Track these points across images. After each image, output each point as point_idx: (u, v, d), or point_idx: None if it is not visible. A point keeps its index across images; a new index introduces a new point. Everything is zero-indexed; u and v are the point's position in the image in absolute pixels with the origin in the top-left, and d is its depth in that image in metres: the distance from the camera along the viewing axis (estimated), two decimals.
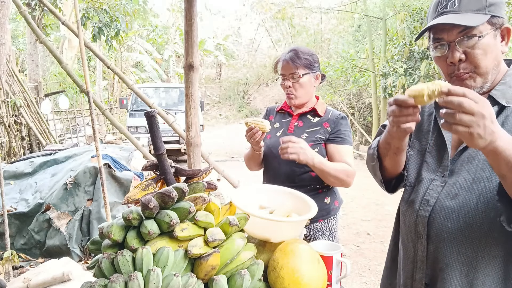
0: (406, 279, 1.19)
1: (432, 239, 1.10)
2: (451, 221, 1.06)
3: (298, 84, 1.85)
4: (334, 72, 11.12)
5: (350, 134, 1.90)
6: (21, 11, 5.26)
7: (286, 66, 1.86)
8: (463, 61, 1.03)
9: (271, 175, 1.95)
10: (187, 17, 2.61)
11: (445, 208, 1.07)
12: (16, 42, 17.30)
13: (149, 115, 1.17)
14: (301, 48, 1.90)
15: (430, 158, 1.16)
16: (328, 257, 1.17)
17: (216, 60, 23.23)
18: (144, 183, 1.24)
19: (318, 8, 13.78)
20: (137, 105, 9.96)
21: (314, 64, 1.89)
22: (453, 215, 1.05)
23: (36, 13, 7.79)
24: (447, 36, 1.04)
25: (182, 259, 0.98)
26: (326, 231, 1.91)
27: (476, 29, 1.00)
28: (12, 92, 5.61)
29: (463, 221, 1.04)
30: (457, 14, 1.02)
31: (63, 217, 3.58)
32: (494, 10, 1.01)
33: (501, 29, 1.04)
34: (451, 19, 1.02)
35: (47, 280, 2.45)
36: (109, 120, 6.38)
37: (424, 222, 1.11)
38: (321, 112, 1.91)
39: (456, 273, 1.06)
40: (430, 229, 1.10)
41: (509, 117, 1.03)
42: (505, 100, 1.04)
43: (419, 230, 1.13)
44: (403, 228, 1.23)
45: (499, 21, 1.03)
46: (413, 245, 1.16)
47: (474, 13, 1.01)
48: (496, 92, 1.05)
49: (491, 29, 1.02)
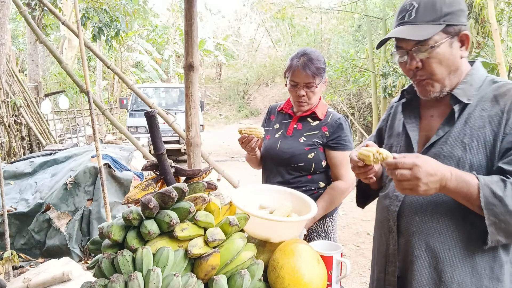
0: (379, 273, 1.25)
1: (402, 232, 1.15)
2: (419, 215, 1.12)
3: (312, 93, 1.81)
4: (334, 72, 11.11)
5: (350, 139, 1.86)
6: (21, 11, 5.26)
7: (300, 75, 1.78)
8: (420, 68, 1.11)
9: (267, 175, 1.96)
10: (187, 17, 2.61)
11: (413, 202, 1.13)
12: (16, 42, 17.30)
13: (149, 115, 1.17)
14: (312, 53, 1.81)
15: None
16: (328, 257, 1.17)
17: (216, 60, 23.21)
18: (144, 183, 1.24)
19: (318, 8, 13.78)
20: (137, 105, 9.96)
21: (324, 70, 1.84)
22: (421, 209, 1.11)
23: (36, 13, 7.79)
24: (405, 45, 1.11)
25: (182, 259, 0.98)
26: (321, 233, 1.91)
27: (431, 39, 1.06)
28: (12, 92, 5.60)
29: (430, 215, 1.10)
30: (413, 25, 1.09)
31: (63, 217, 3.57)
32: (450, 19, 1.07)
33: (459, 36, 1.09)
34: (404, 32, 1.09)
35: (47, 280, 2.45)
36: (109, 120, 6.39)
37: (394, 217, 1.17)
38: (321, 115, 1.87)
39: (425, 265, 1.11)
40: (400, 223, 1.16)
41: (471, 114, 1.08)
42: (466, 97, 1.09)
43: (390, 224, 1.18)
44: (377, 223, 1.29)
45: (455, 29, 1.08)
46: (385, 239, 1.22)
47: (429, 24, 1.07)
48: (458, 91, 1.11)
49: (447, 37, 1.07)
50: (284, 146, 1.88)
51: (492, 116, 1.05)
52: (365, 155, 1.06)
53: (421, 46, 1.07)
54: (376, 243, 1.29)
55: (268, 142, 1.95)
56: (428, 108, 1.21)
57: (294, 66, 1.80)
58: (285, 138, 1.90)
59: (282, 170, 1.88)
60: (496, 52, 7.26)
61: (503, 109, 1.04)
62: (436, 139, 1.12)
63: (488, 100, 1.08)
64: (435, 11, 1.07)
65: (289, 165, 1.85)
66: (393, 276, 1.19)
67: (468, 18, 8.46)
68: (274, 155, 1.90)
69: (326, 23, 18.65)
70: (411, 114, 1.24)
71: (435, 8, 1.07)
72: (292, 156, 1.83)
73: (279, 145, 1.90)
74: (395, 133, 1.30)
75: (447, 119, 1.12)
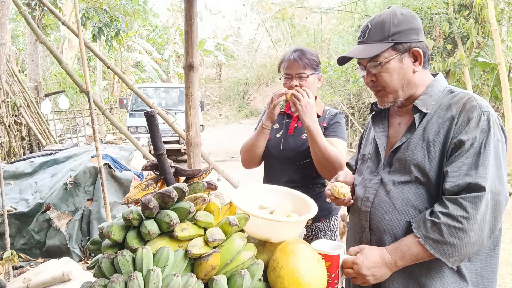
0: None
1: (374, 231, 1.25)
2: (388, 214, 1.21)
3: (305, 84, 1.83)
4: (334, 72, 11.10)
5: (343, 130, 1.88)
6: (21, 11, 5.26)
7: (292, 66, 1.84)
8: (374, 81, 1.25)
9: (272, 176, 1.94)
10: (187, 17, 2.61)
11: (382, 203, 1.23)
12: (16, 42, 17.30)
13: (149, 115, 1.17)
14: (305, 49, 1.89)
15: (370, 163, 1.35)
16: (334, 256, 1.16)
17: (216, 60, 23.19)
18: (144, 183, 1.24)
19: (318, 8, 13.78)
20: (137, 105, 9.95)
21: (318, 65, 1.89)
22: (389, 209, 1.21)
23: (36, 13, 7.79)
24: (362, 62, 1.26)
25: (182, 259, 0.98)
26: (328, 231, 1.91)
27: (381, 56, 1.19)
28: (12, 92, 5.61)
29: (397, 213, 1.19)
30: (365, 44, 1.23)
31: (63, 217, 3.57)
32: (398, 38, 1.19)
33: (410, 52, 1.21)
34: (357, 51, 1.24)
35: (47, 280, 2.45)
36: (109, 120, 6.38)
37: (366, 217, 1.27)
38: (319, 112, 1.90)
39: None
40: (372, 222, 1.25)
41: (429, 122, 1.19)
42: (425, 107, 1.21)
43: (363, 224, 1.28)
44: (351, 224, 1.39)
45: (405, 46, 1.20)
46: (359, 238, 1.31)
47: (378, 43, 1.20)
48: (418, 101, 1.22)
49: (396, 54, 1.20)
50: (288, 145, 1.88)
51: (445, 121, 1.15)
52: (333, 190, 1.31)
53: (373, 62, 1.21)
54: (351, 242, 1.37)
55: (270, 142, 1.93)
56: (396, 117, 1.34)
57: (286, 59, 1.87)
58: (287, 137, 1.91)
59: (288, 169, 1.87)
60: (496, 52, 7.26)
61: (454, 115, 1.14)
62: (399, 145, 1.23)
63: (444, 108, 1.18)
64: (383, 31, 1.20)
65: (295, 163, 1.85)
66: None
67: (468, 18, 8.46)
68: (278, 155, 1.90)
69: (326, 23, 18.65)
70: (380, 124, 1.37)
71: (384, 28, 1.20)
72: (298, 154, 1.84)
73: (282, 145, 1.90)
74: (369, 142, 1.42)
75: (410, 127, 1.23)
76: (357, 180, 1.39)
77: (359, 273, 1.12)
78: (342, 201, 1.32)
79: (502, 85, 7.18)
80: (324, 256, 1.15)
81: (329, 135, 1.84)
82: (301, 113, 1.69)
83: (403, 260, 1.11)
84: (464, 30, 8.44)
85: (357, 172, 1.43)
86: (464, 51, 8.61)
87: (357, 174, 1.42)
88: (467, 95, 1.17)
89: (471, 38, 8.34)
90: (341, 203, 1.34)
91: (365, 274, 1.12)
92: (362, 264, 1.12)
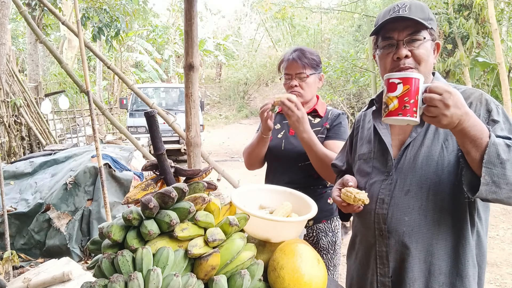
0: (372, 275, 1.26)
1: (392, 233, 1.19)
2: (408, 215, 1.17)
3: (304, 84, 1.83)
4: (334, 72, 11.09)
5: (345, 131, 1.87)
6: (21, 11, 5.27)
7: (292, 65, 1.83)
8: (408, 57, 1.17)
9: (274, 177, 1.94)
10: (187, 17, 2.60)
11: (400, 204, 1.18)
12: (16, 42, 17.30)
13: (149, 115, 1.17)
14: (305, 48, 1.88)
15: (377, 163, 1.29)
16: (416, 79, 1.01)
17: (216, 60, 23.20)
18: (144, 183, 1.24)
19: (318, 8, 13.76)
20: (137, 105, 9.96)
21: (319, 65, 1.88)
22: (409, 209, 1.17)
23: (36, 13, 7.79)
24: (397, 36, 1.18)
25: (182, 259, 0.98)
26: (329, 232, 1.90)
27: (422, 33, 1.16)
28: (12, 92, 5.60)
29: (418, 213, 1.15)
30: (410, 17, 1.17)
31: (63, 217, 3.57)
32: (432, 24, 1.18)
33: (435, 43, 1.21)
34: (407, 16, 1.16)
35: (47, 280, 2.45)
36: (109, 120, 6.39)
37: (384, 219, 1.21)
38: (321, 112, 1.90)
39: (416, 261, 1.16)
40: (390, 224, 1.20)
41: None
42: None
43: (380, 227, 1.22)
44: (361, 228, 1.32)
45: (434, 35, 1.20)
46: (374, 241, 1.24)
47: (421, 20, 1.16)
48: None
49: (430, 38, 1.19)
50: (289, 146, 1.88)
51: None
52: (347, 197, 1.20)
53: (414, 36, 1.16)
54: (363, 247, 1.30)
55: (271, 143, 1.92)
56: None
57: (286, 59, 1.87)
58: (289, 138, 1.90)
59: (290, 171, 1.86)
60: (496, 52, 7.26)
61: (471, 108, 1.12)
62: (411, 141, 1.20)
63: None
64: (424, 13, 1.17)
65: (296, 164, 1.84)
66: (387, 277, 1.21)
67: (468, 18, 8.46)
68: (279, 156, 1.89)
69: (326, 23, 18.65)
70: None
71: (424, 10, 1.18)
72: (299, 155, 1.83)
73: (283, 145, 1.89)
74: (366, 141, 1.36)
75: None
76: (360, 181, 1.33)
77: (446, 103, 0.94)
78: (356, 207, 1.21)
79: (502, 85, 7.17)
80: (403, 80, 1.01)
81: (331, 138, 1.84)
82: (294, 128, 1.67)
83: (471, 128, 0.97)
84: (464, 30, 8.43)
85: (358, 172, 1.36)
86: (464, 51, 8.60)
87: (358, 175, 1.36)
88: (476, 90, 1.17)
89: (471, 38, 8.33)
90: (352, 209, 1.23)
91: (449, 106, 0.94)
92: (455, 94, 0.95)
